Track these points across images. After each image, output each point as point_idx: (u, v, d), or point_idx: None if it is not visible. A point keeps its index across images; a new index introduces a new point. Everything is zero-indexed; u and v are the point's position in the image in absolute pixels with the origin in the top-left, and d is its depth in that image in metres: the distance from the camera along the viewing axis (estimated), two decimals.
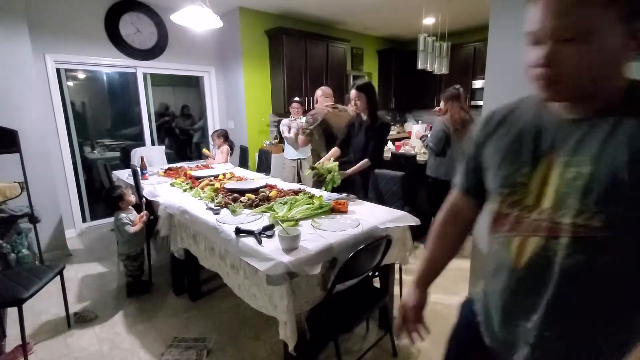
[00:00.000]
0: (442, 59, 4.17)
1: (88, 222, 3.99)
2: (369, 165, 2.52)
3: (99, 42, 3.65)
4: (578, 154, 0.59)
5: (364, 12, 4.62)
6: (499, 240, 0.73)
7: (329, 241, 1.51)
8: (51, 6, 3.33)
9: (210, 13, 2.36)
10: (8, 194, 2.56)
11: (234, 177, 2.82)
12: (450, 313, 2.35)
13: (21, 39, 2.86)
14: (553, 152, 0.63)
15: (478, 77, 5.42)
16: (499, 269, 0.73)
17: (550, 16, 0.59)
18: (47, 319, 2.26)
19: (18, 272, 1.99)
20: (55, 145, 3.52)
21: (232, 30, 4.32)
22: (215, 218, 1.82)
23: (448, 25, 4.39)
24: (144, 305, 2.40)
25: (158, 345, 1.99)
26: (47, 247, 3.12)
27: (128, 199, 2.46)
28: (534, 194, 0.65)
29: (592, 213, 0.57)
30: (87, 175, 4.06)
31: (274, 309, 1.41)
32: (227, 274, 1.72)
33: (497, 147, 0.74)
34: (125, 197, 2.44)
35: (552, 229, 0.62)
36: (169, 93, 5.32)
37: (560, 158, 0.62)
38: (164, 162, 3.89)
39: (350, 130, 2.67)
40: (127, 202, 2.45)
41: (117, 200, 2.42)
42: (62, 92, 3.57)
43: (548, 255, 0.63)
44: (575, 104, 0.63)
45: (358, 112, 2.57)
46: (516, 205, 0.68)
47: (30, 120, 2.93)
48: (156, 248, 3.31)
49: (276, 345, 1.94)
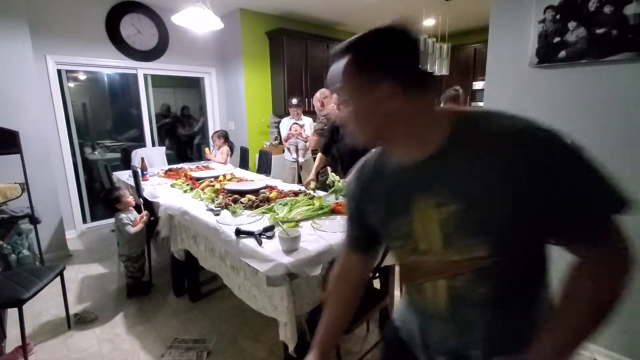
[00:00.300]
0: (443, 61, 4.18)
1: (88, 223, 4.00)
2: None
3: (99, 43, 3.66)
4: (441, 193, 0.62)
5: (365, 13, 4.63)
6: (415, 288, 0.74)
7: (329, 242, 1.51)
8: (52, 7, 3.35)
9: (210, 14, 2.37)
10: (9, 194, 2.56)
11: (234, 178, 2.83)
12: None
13: (22, 40, 2.87)
14: (419, 197, 0.65)
15: (478, 79, 5.42)
16: (419, 311, 0.76)
17: None
18: (47, 319, 2.26)
19: (18, 273, 2.00)
20: (56, 146, 3.52)
21: (233, 32, 4.33)
22: (216, 219, 1.82)
23: (448, 27, 4.40)
24: (144, 306, 2.40)
25: (158, 346, 1.99)
26: (47, 248, 3.12)
27: (126, 201, 2.45)
28: (423, 239, 0.66)
29: (475, 244, 0.60)
30: (87, 176, 4.07)
31: (274, 310, 1.41)
32: (227, 275, 1.72)
33: (374, 200, 0.74)
34: (122, 198, 2.43)
35: (452, 267, 0.64)
36: (169, 94, 5.33)
37: (429, 200, 0.63)
38: (164, 163, 3.89)
39: (334, 134, 2.59)
40: (125, 204, 2.44)
41: (115, 202, 2.41)
42: (62, 93, 3.57)
43: (459, 293, 0.65)
44: (407, 150, 0.66)
45: None
46: (413, 253, 0.68)
47: (31, 121, 2.93)
48: (156, 249, 3.31)
49: (276, 346, 1.93)
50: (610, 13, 1.55)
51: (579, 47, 1.66)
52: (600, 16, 1.58)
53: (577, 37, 1.66)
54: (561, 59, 1.72)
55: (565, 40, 1.69)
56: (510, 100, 1.95)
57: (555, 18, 1.71)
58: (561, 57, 1.71)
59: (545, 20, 1.74)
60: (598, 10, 1.59)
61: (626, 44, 1.53)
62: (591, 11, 1.60)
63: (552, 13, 1.72)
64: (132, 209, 2.51)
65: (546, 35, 1.75)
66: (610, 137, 1.65)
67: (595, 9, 1.59)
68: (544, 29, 1.75)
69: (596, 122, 1.68)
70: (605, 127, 1.66)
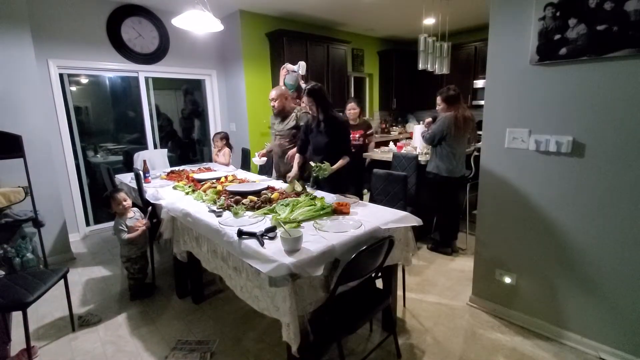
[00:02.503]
0: (443, 59, 4.16)
1: (92, 226, 4.01)
2: (348, 161, 2.63)
3: (101, 47, 3.68)
4: None
5: (364, 14, 4.63)
6: None
7: (331, 242, 1.51)
8: (54, 12, 3.37)
9: (211, 16, 2.37)
10: (12, 198, 2.58)
11: (236, 179, 2.83)
12: (454, 314, 2.35)
13: (24, 45, 2.89)
14: None
15: (479, 77, 5.41)
16: None
17: None
18: (51, 322, 2.27)
19: (23, 276, 2.00)
20: (59, 149, 3.54)
21: (233, 33, 4.34)
22: (218, 220, 1.82)
23: (448, 26, 4.39)
24: (147, 308, 2.40)
25: (162, 348, 1.99)
26: (51, 251, 3.13)
27: (120, 203, 2.39)
28: None
29: None
30: (90, 179, 4.09)
31: (276, 311, 1.41)
32: (230, 276, 1.72)
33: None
34: (114, 201, 2.38)
35: None
36: (170, 97, 5.34)
37: None
38: (166, 165, 3.90)
39: (308, 133, 2.73)
40: (117, 202, 2.39)
41: (107, 202, 2.39)
42: (65, 97, 3.59)
43: None
44: None
45: (314, 115, 2.65)
46: None
47: (33, 125, 2.95)
48: (159, 251, 3.32)
49: (279, 347, 1.94)
50: (611, 9, 1.55)
51: (579, 44, 1.65)
52: (600, 13, 1.58)
53: (577, 34, 1.65)
54: (562, 56, 1.71)
55: (565, 37, 1.69)
56: (511, 98, 1.94)
57: (555, 15, 1.71)
58: (562, 54, 1.71)
59: (546, 17, 1.74)
60: (599, 6, 1.58)
61: (627, 41, 1.52)
62: (592, 8, 1.60)
63: (552, 10, 1.71)
64: (135, 211, 2.52)
65: (546, 32, 1.74)
66: (612, 133, 1.64)
67: (595, 6, 1.59)
68: (544, 26, 1.75)
69: (597, 119, 1.67)
70: (607, 123, 1.65)
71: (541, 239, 1.95)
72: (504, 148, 2.01)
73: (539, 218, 1.94)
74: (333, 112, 2.63)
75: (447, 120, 2.89)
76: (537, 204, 1.94)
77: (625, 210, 1.66)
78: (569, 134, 1.76)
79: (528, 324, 2.07)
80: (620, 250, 1.70)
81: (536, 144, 1.87)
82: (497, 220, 2.12)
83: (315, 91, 2.56)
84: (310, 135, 2.73)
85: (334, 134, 2.59)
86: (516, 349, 1.90)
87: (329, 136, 2.60)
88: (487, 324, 2.13)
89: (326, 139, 2.61)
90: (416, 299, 2.42)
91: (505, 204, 2.07)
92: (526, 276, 2.05)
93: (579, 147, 1.75)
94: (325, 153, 2.60)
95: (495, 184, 2.10)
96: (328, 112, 2.60)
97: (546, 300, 1.99)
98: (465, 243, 3.29)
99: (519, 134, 1.94)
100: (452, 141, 2.93)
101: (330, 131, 2.59)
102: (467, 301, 2.34)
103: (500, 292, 2.18)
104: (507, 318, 2.15)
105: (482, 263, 2.25)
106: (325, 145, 2.62)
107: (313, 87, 2.58)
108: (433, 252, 3.20)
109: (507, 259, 2.12)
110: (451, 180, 3.03)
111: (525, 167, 1.95)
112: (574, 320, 1.90)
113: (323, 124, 2.62)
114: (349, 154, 2.67)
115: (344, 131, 2.67)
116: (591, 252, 1.79)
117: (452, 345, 1.95)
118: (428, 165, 3.14)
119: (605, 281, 1.77)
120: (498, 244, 2.15)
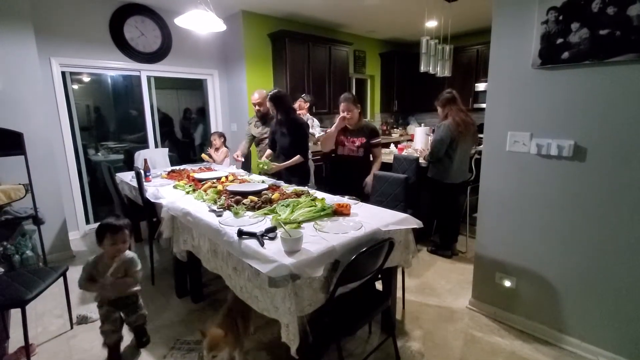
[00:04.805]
0: (445, 62, 4.17)
1: (91, 224, 4.01)
2: (302, 160, 2.96)
3: (103, 46, 3.69)
4: None
5: (367, 15, 4.63)
6: None
7: (332, 243, 1.51)
8: (57, 10, 3.37)
9: (213, 16, 2.38)
10: (13, 195, 2.58)
11: (236, 179, 2.83)
12: (453, 317, 2.34)
13: (27, 43, 2.89)
14: None
15: (481, 80, 5.41)
16: None
17: None
18: (50, 320, 2.27)
19: (22, 274, 2.00)
20: (60, 147, 3.54)
21: (235, 34, 4.35)
22: (218, 220, 1.82)
23: (450, 28, 4.39)
24: (146, 308, 2.39)
25: (160, 347, 1.99)
26: (50, 249, 3.13)
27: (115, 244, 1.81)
28: None
29: None
30: (91, 178, 4.09)
31: (276, 311, 1.41)
32: (230, 276, 1.72)
33: None
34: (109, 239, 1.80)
35: None
36: (172, 96, 5.35)
37: None
38: (167, 164, 3.90)
39: (274, 134, 3.07)
40: (111, 242, 1.80)
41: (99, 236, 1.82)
42: (67, 95, 3.60)
43: None
44: None
45: (278, 119, 2.96)
46: None
47: (35, 123, 2.96)
48: (159, 250, 3.31)
49: (278, 347, 1.93)
50: (614, 14, 1.55)
51: (582, 48, 1.65)
52: (603, 17, 1.58)
53: (580, 38, 1.65)
54: (564, 60, 1.71)
55: (568, 41, 1.69)
56: (512, 102, 1.94)
57: (558, 19, 1.71)
58: (564, 58, 1.71)
59: (548, 21, 1.74)
60: (601, 11, 1.58)
61: (630, 45, 1.52)
62: (594, 12, 1.60)
63: (554, 14, 1.71)
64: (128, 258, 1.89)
65: (549, 36, 1.74)
66: (614, 138, 1.64)
67: (598, 10, 1.59)
68: (546, 30, 1.75)
69: (599, 123, 1.67)
70: (609, 128, 1.65)
71: (541, 243, 1.95)
72: (505, 151, 2.01)
73: (540, 222, 1.94)
74: (293, 115, 2.97)
75: (446, 128, 2.88)
76: (537, 207, 1.94)
77: (626, 215, 1.66)
78: (570, 138, 1.76)
79: (528, 327, 2.06)
80: (620, 255, 1.70)
81: (537, 148, 1.87)
82: (498, 224, 2.12)
83: (277, 97, 2.89)
84: (275, 136, 3.06)
85: (294, 135, 2.92)
86: (515, 353, 1.89)
87: (290, 136, 2.93)
88: (486, 328, 2.12)
89: (288, 139, 2.93)
90: (416, 301, 2.42)
91: (505, 208, 2.07)
92: (526, 280, 2.05)
93: (580, 152, 1.74)
94: (288, 152, 2.95)
95: (496, 187, 2.09)
96: (289, 115, 2.92)
97: (546, 304, 1.98)
98: (465, 246, 3.29)
99: (521, 138, 1.93)
100: (455, 147, 2.92)
101: (291, 132, 2.92)
102: (467, 304, 2.33)
103: (500, 295, 2.17)
104: (506, 322, 2.15)
105: (482, 266, 2.24)
106: (288, 145, 2.94)
107: (275, 93, 2.92)
108: (433, 255, 3.20)
109: (507, 262, 2.11)
110: (453, 186, 3.03)
111: (526, 171, 1.95)
112: (574, 324, 1.89)
113: (285, 126, 2.93)
114: (302, 153, 2.96)
115: (300, 132, 2.95)
116: (591, 256, 1.79)
117: (451, 349, 1.94)
118: (429, 172, 3.14)
119: (606, 286, 1.76)
120: (498, 247, 2.15)
